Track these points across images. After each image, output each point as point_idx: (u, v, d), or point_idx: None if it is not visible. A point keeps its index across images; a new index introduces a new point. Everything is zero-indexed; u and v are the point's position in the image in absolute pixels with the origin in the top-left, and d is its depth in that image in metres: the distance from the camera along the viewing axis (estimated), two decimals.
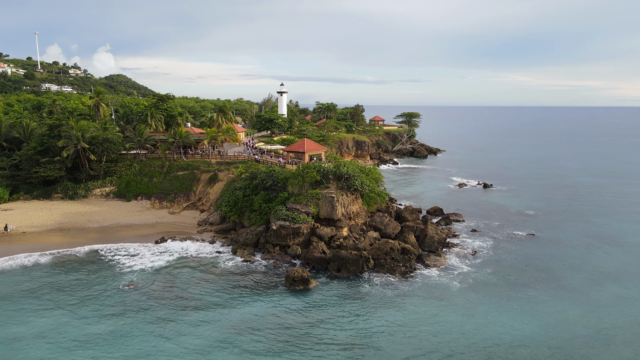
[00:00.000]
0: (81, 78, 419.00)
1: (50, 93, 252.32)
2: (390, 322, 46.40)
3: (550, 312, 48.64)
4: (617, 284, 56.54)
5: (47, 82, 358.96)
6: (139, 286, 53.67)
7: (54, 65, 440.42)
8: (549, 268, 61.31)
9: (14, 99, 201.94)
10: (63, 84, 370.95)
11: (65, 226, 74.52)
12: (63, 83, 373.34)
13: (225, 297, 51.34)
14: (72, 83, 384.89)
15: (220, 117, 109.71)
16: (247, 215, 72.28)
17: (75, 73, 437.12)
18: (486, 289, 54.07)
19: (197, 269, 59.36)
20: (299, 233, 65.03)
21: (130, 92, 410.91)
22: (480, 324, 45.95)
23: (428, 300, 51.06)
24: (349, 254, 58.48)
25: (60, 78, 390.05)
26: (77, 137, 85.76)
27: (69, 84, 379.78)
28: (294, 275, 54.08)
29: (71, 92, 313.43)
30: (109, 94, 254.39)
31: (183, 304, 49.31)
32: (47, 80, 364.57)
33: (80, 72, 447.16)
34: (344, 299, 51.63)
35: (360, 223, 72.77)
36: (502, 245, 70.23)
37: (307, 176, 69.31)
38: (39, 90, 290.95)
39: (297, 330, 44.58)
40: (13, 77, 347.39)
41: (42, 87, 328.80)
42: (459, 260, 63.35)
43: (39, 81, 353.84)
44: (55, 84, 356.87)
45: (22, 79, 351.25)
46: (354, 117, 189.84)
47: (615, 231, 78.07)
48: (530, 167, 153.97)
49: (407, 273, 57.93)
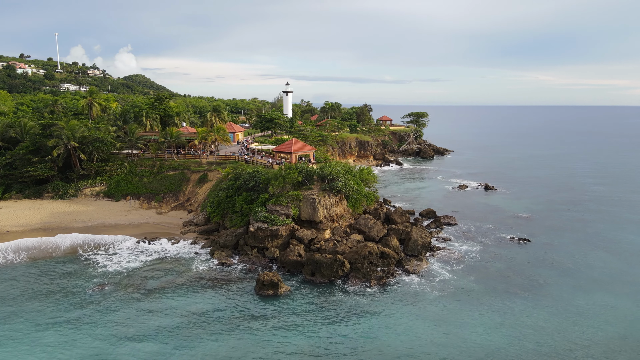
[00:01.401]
0: (99, 78, 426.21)
1: (68, 93, 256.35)
2: (357, 330, 44.54)
3: (528, 323, 46.05)
4: (606, 292, 53.54)
5: (66, 82, 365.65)
6: (107, 289, 52.81)
7: (73, 65, 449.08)
8: (536, 275, 58.52)
9: (28, 98, 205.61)
10: (81, 84, 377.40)
11: (49, 225, 74.48)
12: (81, 83, 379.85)
13: (190, 301, 50.14)
14: (90, 83, 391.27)
15: (213, 117, 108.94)
16: (229, 217, 71.15)
17: (94, 73, 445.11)
18: (465, 298, 51.66)
19: (170, 271, 58.37)
20: (277, 235, 63.56)
21: (146, 92, 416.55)
22: (451, 335, 43.71)
23: (401, 309, 48.92)
24: (323, 257, 56.74)
25: (78, 78, 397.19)
26: (67, 136, 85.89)
27: (87, 84, 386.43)
28: (263, 279, 52.62)
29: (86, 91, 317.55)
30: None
31: (145, 308, 48.23)
32: (66, 81, 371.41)
33: (99, 73, 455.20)
34: (312, 305, 49.91)
35: (345, 225, 70.93)
36: (490, 250, 67.56)
37: (288, 177, 67.80)
38: (57, 91, 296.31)
39: (256, 337, 43.05)
40: (33, 78, 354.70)
41: (61, 87, 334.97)
42: (441, 266, 60.98)
43: (59, 81, 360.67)
44: (74, 84, 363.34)
45: (42, 79, 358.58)
46: (360, 117, 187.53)
47: (613, 238, 74.48)
48: (538, 168, 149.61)
49: (383, 279, 55.84)
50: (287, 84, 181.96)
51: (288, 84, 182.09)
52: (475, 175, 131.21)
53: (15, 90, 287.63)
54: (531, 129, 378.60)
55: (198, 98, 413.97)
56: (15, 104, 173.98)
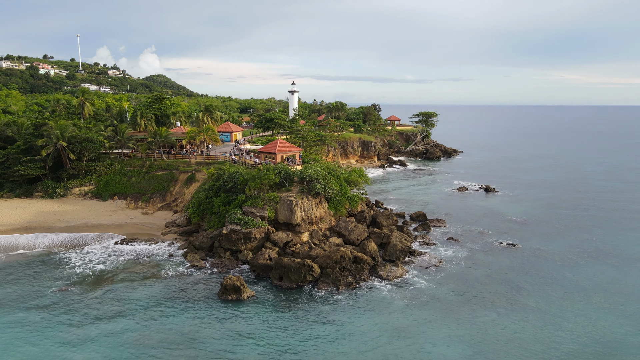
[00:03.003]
0: (119, 78, 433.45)
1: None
2: (312, 339, 42.62)
3: (493, 336, 43.41)
4: (587, 303, 50.30)
5: (86, 82, 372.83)
6: (71, 290, 52.14)
7: (94, 66, 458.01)
8: (518, 283, 55.53)
9: (44, 98, 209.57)
10: (102, 84, 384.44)
11: (32, 225, 74.67)
12: (102, 83, 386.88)
13: (149, 305, 48.96)
14: (110, 83, 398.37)
15: (205, 117, 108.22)
16: (207, 218, 70.03)
17: (114, 74, 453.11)
18: (434, 307, 49.12)
19: (139, 273, 57.41)
20: (250, 238, 62.04)
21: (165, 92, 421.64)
22: (411, 349, 41.40)
23: (364, 318, 46.73)
24: (291, 262, 54.94)
25: (99, 78, 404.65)
26: (56, 136, 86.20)
27: (107, 84, 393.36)
28: (226, 283, 51.15)
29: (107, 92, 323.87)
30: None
31: (103, 311, 47.25)
32: (87, 81, 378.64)
33: (119, 73, 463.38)
34: (274, 311, 48.20)
35: (324, 228, 68.97)
36: (475, 257, 64.64)
37: (264, 178, 66.22)
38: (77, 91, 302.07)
39: (209, 345, 41.56)
40: (55, 78, 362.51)
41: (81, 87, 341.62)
42: (418, 273, 58.44)
43: (80, 82, 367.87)
44: (94, 84, 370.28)
45: (63, 79, 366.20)
46: (367, 116, 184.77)
47: (609, 244, 70.57)
48: (548, 170, 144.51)
49: (352, 285, 53.72)
50: (293, 83, 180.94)
51: (294, 84, 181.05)
52: (479, 177, 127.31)
53: (37, 91, 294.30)
54: (553, 129, 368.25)
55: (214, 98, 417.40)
56: (26, 104, 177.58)
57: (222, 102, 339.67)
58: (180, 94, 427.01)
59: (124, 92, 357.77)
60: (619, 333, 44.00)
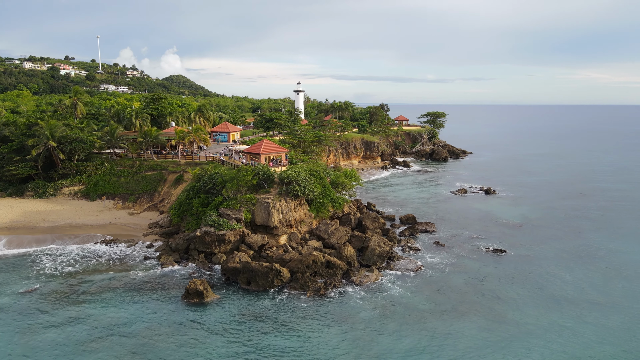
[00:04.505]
0: (137, 79, 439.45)
1: (104, 93, 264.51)
2: (263, 349, 40.90)
3: (453, 350, 40.94)
4: (567, 314, 47.29)
5: (105, 83, 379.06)
6: (36, 292, 51.56)
7: (113, 67, 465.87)
8: (497, 292, 52.73)
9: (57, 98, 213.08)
10: (120, 84, 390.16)
11: (17, 225, 74.77)
12: (120, 84, 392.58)
13: (110, 309, 47.87)
14: (128, 84, 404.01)
15: (197, 117, 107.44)
16: (186, 219, 68.99)
17: (132, 74, 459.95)
18: (402, 317, 46.72)
19: (107, 276, 56.47)
20: (224, 240, 60.63)
21: (181, 92, 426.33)
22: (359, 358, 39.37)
23: (326, 327, 44.61)
24: (259, 265, 53.32)
25: (117, 79, 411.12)
26: (46, 136, 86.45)
27: (125, 85, 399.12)
28: (189, 287, 49.85)
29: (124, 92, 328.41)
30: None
31: (56, 315, 46.33)
32: (105, 81, 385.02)
33: (137, 74, 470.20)
34: (235, 317, 46.59)
35: (304, 231, 67.17)
36: (458, 263, 61.92)
37: (241, 180, 64.76)
38: (96, 91, 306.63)
39: (156, 351, 40.26)
40: (75, 79, 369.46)
41: (100, 87, 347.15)
42: (394, 279, 56.09)
43: (99, 82, 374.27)
44: (112, 85, 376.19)
45: (83, 80, 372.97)
46: (373, 116, 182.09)
47: (604, 250, 66.96)
48: (556, 172, 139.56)
49: (321, 291, 51.73)
50: (299, 83, 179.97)
51: (299, 84, 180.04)
52: (483, 179, 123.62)
53: (57, 91, 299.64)
54: (574, 130, 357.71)
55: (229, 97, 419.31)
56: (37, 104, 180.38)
57: (234, 102, 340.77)
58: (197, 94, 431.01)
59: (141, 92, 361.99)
60: (595, 350, 41.02)
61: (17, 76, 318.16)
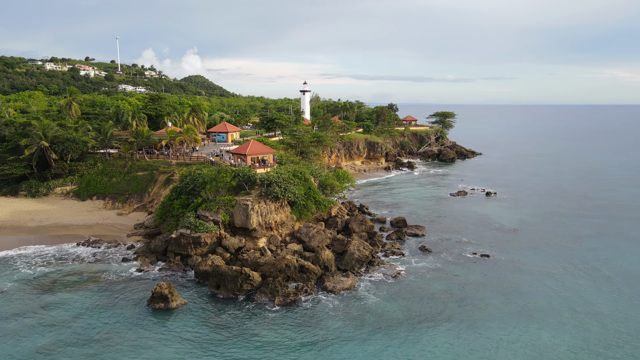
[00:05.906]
0: (155, 79, 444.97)
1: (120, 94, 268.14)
2: (225, 358, 39.55)
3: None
4: (546, 324, 44.74)
5: (123, 83, 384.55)
6: (3, 295, 51.20)
7: (132, 67, 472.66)
8: (475, 300, 50.32)
9: None
10: (138, 84, 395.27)
11: (4, 224, 74.93)
12: (138, 84, 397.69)
13: (73, 313, 47.06)
14: (146, 84, 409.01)
15: (192, 117, 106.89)
16: (167, 220, 68.21)
17: (150, 74, 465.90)
18: (371, 326, 44.70)
19: (79, 278, 55.77)
20: (200, 243, 59.52)
21: (198, 92, 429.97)
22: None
23: (290, 337, 42.88)
24: (228, 269, 51.97)
25: (135, 79, 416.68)
26: (39, 135, 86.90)
27: (143, 85, 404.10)
28: (155, 291, 48.81)
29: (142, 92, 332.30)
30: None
31: (23, 318, 45.80)
32: (124, 82, 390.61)
33: (155, 74, 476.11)
34: (198, 323, 45.31)
35: (285, 234, 65.67)
36: (441, 268, 59.53)
37: (220, 181, 63.59)
38: (114, 91, 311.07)
39: (116, 359, 39.26)
40: (95, 79, 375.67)
41: (118, 88, 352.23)
42: (370, 286, 54.09)
43: (117, 82, 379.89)
44: (130, 85, 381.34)
45: (102, 80, 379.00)
46: (380, 116, 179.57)
47: (598, 257, 63.70)
48: (562, 174, 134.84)
49: (290, 297, 50.06)
50: (305, 83, 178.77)
51: (305, 83, 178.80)
52: (487, 181, 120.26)
53: None
54: (594, 130, 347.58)
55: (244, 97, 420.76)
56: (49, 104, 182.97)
57: (247, 102, 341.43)
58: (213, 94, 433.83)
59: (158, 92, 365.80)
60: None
61: (38, 77, 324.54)
